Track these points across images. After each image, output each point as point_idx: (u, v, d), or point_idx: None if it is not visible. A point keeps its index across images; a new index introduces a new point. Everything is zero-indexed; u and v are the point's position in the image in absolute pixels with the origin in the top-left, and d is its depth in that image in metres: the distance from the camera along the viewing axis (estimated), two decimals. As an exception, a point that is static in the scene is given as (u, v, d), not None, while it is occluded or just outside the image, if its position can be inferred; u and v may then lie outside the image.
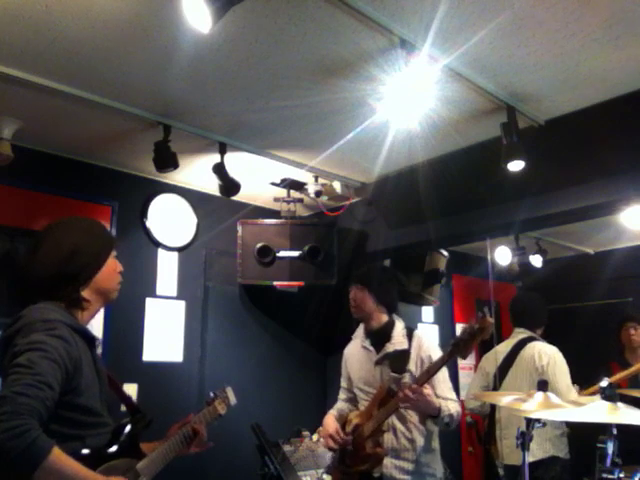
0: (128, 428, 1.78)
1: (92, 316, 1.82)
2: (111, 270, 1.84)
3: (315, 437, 3.57)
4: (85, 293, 1.76)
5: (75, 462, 1.49)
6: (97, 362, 1.77)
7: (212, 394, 2.23)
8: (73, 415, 1.62)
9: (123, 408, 1.92)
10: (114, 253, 1.88)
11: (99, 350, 1.82)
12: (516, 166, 2.82)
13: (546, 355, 3.22)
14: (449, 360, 2.39)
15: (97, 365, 1.76)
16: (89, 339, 1.74)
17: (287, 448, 3.37)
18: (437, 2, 2.05)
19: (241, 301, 4.16)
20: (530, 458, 3.00)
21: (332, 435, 2.70)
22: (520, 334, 3.47)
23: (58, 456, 1.44)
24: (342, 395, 2.97)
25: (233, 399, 2.27)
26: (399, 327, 2.76)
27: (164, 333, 3.69)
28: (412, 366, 2.65)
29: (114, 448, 1.71)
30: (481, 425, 4.67)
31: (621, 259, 4.67)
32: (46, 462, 1.40)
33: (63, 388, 1.55)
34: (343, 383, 2.98)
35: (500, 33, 2.25)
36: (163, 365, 3.62)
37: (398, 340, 2.71)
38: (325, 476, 3.11)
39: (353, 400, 2.89)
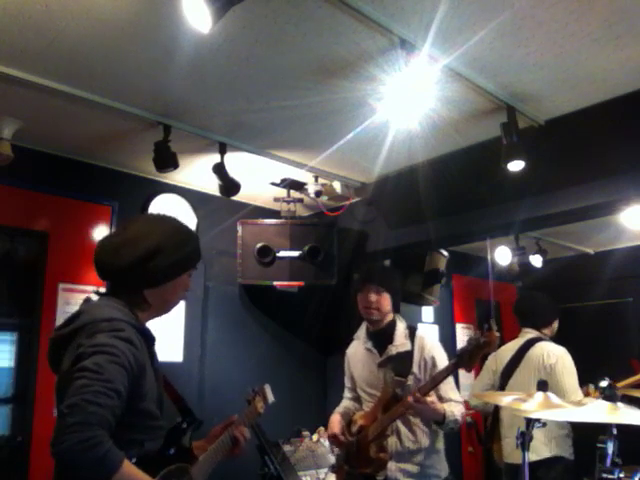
0: (181, 431, 1.76)
1: (147, 321, 1.75)
2: (181, 286, 1.78)
3: (315, 437, 3.57)
4: (149, 297, 1.71)
5: (141, 472, 1.47)
6: (155, 363, 1.73)
7: (252, 390, 2.18)
8: (135, 420, 1.58)
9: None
10: (193, 270, 1.82)
11: (155, 351, 1.78)
12: (516, 166, 2.82)
13: (554, 355, 3.21)
14: (454, 371, 2.39)
15: (155, 366, 1.72)
16: (149, 340, 1.70)
17: (287, 448, 3.38)
18: (437, 2, 2.05)
19: (241, 301, 4.16)
20: (535, 456, 3.03)
21: (336, 435, 2.70)
22: (527, 334, 3.46)
23: (128, 468, 1.43)
24: (347, 394, 2.96)
25: (271, 397, 2.21)
26: (401, 327, 2.74)
27: (164, 333, 3.68)
28: (415, 368, 2.63)
29: (170, 452, 1.69)
30: (481, 425, 4.68)
31: (621, 259, 4.67)
32: (117, 474, 1.38)
33: (129, 394, 1.50)
34: (347, 383, 2.97)
35: (500, 33, 2.25)
36: (163, 365, 3.58)
37: (400, 341, 2.68)
38: (329, 475, 3.11)
39: (358, 399, 2.88)
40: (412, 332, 2.73)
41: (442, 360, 2.62)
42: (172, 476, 1.64)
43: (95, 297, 1.71)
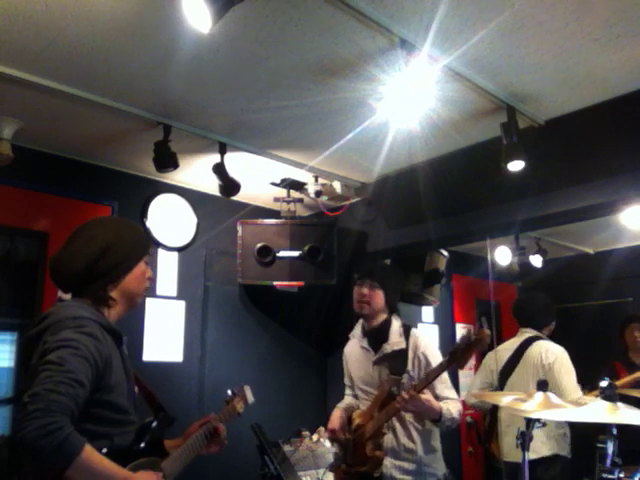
0: (153, 427, 1.80)
1: (118, 316, 1.83)
2: (140, 274, 1.85)
3: (315, 437, 3.57)
4: (112, 293, 1.78)
5: (105, 459, 1.51)
6: (125, 360, 1.78)
7: (230, 392, 2.22)
8: (102, 412, 1.63)
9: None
10: (146, 258, 1.88)
11: (125, 349, 1.83)
12: (516, 166, 2.81)
13: (553, 354, 3.22)
14: (447, 368, 2.40)
15: (125, 363, 1.77)
16: (117, 337, 1.76)
17: (287, 448, 3.37)
18: (437, 2, 2.05)
19: (241, 301, 4.16)
20: (533, 455, 3.04)
21: (335, 430, 2.72)
22: (526, 333, 3.47)
23: (89, 454, 1.45)
24: (347, 392, 2.99)
25: (251, 398, 2.27)
26: (396, 325, 2.75)
27: (164, 333, 3.69)
28: (410, 366, 2.64)
29: (141, 446, 1.73)
30: (481, 425, 4.67)
31: (621, 259, 4.67)
32: (78, 459, 1.42)
33: (93, 385, 1.56)
34: (347, 381, 2.99)
35: (500, 33, 2.25)
36: (163, 365, 3.62)
37: (395, 340, 2.70)
38: (327, 475, 3.12)
39: (357, 397, 2.90)
40: (407, 330, 2.73)
41: (435, 358, 2.62)
42: (142, 468, 1.67)
43: (67, 296, 1.78)
